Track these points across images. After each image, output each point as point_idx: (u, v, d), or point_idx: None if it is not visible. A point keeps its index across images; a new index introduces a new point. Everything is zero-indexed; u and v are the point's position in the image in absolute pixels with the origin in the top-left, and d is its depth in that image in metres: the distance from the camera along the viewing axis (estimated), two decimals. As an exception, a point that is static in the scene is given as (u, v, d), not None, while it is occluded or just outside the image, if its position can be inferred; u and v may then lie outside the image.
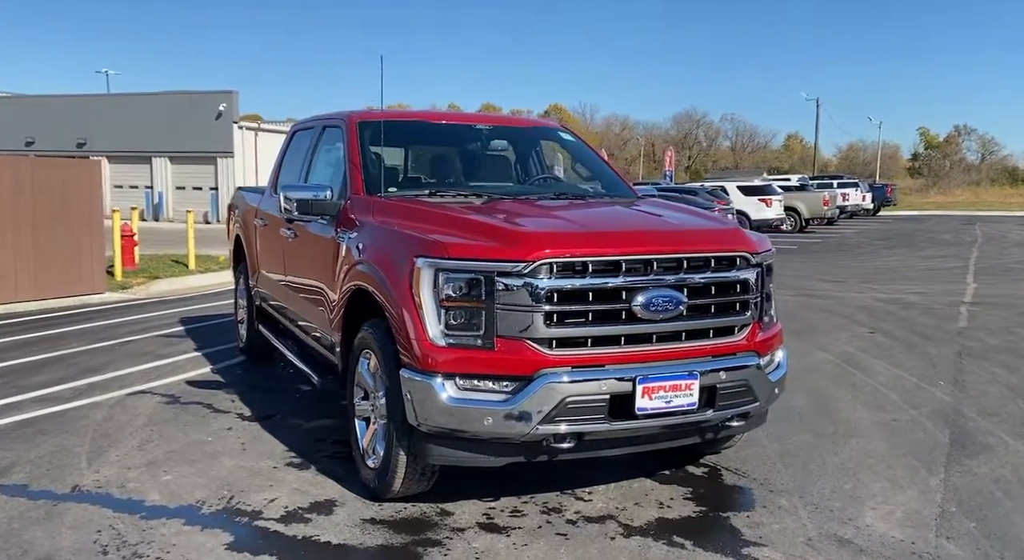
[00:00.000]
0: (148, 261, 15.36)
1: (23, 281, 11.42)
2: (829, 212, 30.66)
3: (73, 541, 3.71)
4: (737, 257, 4.09)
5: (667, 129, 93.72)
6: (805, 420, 5.76)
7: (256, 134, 35.70)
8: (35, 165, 11.97)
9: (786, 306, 11.03)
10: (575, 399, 3.66)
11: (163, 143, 35.74)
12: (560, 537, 3.81)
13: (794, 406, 6.09)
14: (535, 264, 3.65)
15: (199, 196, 35.43)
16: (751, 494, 4.39)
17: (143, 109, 36.15)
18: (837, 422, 5.72)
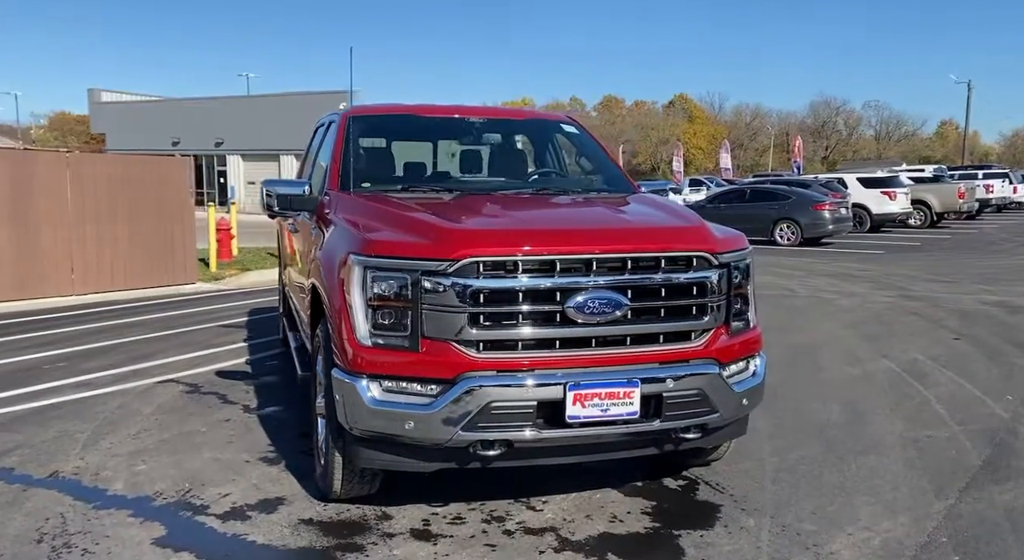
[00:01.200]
0: (247, 253, 16.03)
1: (119, 271, 12.15)
2: (966, 205, 28.44)
3: (18, 527, 3.85)
4: (694, 257, 3.79)
5: (803, 117, 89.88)
6: (824, 433, 5.33)
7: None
8: (130, 162, 12.69)
9: (872, 308, 10.35)
10: (500, 404, 3.49)
11: (289, 141, 37.30)
12: (487, 548, 3.65)
13: (822, 419, 5.65)
14: (461, 263, 3.49)
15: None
16: (718, 512, 4.07)
17: (272, 109, 37.92)
18: (860, 437, 5.26)
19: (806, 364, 7.41)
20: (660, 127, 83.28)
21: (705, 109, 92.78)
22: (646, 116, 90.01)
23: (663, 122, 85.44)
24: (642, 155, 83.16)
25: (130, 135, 41.40)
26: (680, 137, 72.22)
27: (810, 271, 14.90)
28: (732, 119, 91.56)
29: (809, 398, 6.21)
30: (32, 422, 5.54)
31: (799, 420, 5.63)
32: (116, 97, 44.64)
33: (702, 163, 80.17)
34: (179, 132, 40.15)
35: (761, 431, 5.35)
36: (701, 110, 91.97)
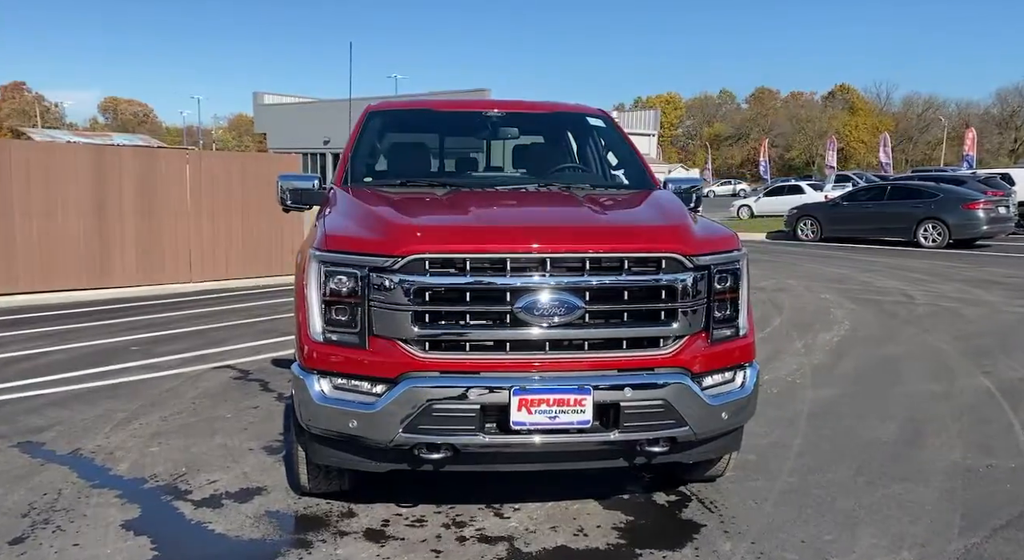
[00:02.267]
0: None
1: (233, 261, 12.83)
2: None
3: (15, 501, 4.08)
4: (663, 259, 3.53)
5: (987, 107, 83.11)
6: (864, 454, 4.88)
7: (508, 127, 37.22)
8: (246, 159, 13.36)
9: (999, 320, 9.47)
10: (442, 407, 3.37)
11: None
12: (432, 554, 3.55)
13: (870, 437, 5.18)
14: (407, 260, 3.40)
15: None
16: (696, 532, 3.78)
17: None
18: (904, 461, 4.77)
19: (884, 377, 6.82)
20: (817, 119, 79.44)
21: (869, 100, 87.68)
22: (802, 108, 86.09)
23: (821, 114, 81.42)
24: (796, 149, 79.68)
25: (287, 135, 43.72)
26: (840, 130, 68.59)
27: (943, 276, 13.74)
28: (901, 110, 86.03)
29: (869, 414, 5.70)
30: (85, 400, 5.90)
31: (843, 438, 5.17)
32: (277, 99, 47.20)
33: (864, 158, 75.92)
34: (329, 132, 41.97)
35: (792, 447, 4.96)
36: (865, 101, 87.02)
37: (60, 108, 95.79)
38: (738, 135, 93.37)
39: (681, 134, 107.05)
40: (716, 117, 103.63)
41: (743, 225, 27.78)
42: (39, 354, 7.58)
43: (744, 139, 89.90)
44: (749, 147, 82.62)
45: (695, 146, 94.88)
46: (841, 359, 7.52)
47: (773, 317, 9.75)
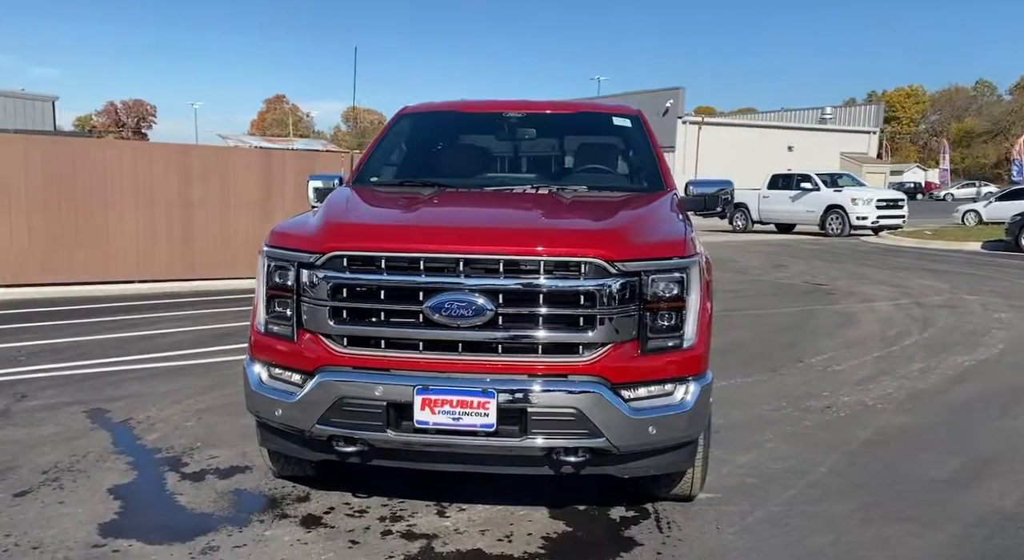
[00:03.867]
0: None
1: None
2: None
3: (49, 459, 4.62)
4: (584, 264, 3.39)
5: None
6: (892, 490, 4.42)
7: (699, 128, 36.18)
8: (315, 157, 14.05)
9: None
10: (351, 401, 3.46)
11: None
12: (347, 544, 3.63)
13: (918, 473, 4.67)
14: (327, 256, 3.53)
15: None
16: (627, 552, 3.60)
17: (608, 109, 39.19)
18: (933, 501, 4.26)
19: (992, 410, 6.06)
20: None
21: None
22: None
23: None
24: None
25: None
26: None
27: None
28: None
29: (936, 448, 5.11)
30: (164, 377, 6.54)
31: (881, 471, 4.68)
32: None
33: None
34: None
35: (807, 475, 4.57)
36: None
37: (310, 118, 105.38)
38: (995, 131, 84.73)
39: (923, 130, 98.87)
40: (968, 111, 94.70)
41: (961, 233, 25.29)
42: (167, 334, 8.46)
43: (1003, 135, 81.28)
44: (1008, 144, 74.46)
45: (936, 143, 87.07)
46: (957, 386, 6.75)
47: (909, 335, 8.90)
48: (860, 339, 8.66)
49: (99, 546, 3.57)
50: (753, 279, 14.15)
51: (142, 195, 11.75)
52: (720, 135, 37.68)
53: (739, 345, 8.25)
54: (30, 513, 3.90)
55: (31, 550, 3.52)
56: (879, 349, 8.12)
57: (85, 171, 11.44)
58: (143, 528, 3.76)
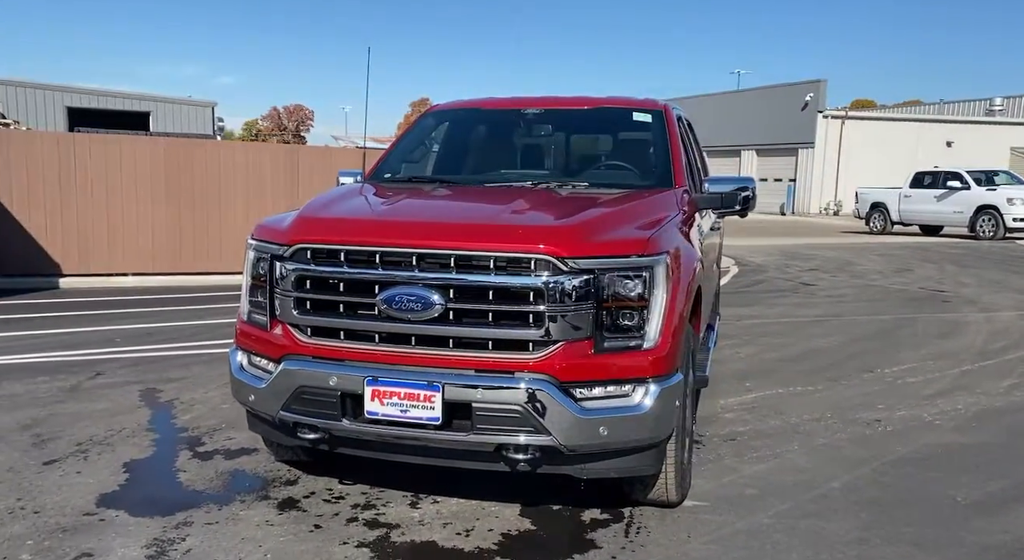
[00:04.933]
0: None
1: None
2: None
3: (88, 432, 5.01)
4: (534, 260, 3.36)
5: None
6: (904, 510, 4.12)
7: (842, 123, 34.31)
8: (355, 154, 14.19)
9: None
10: (309, 390, 3.58)
11: (749, 136, 36.96)
12: (310, 528, 3.73)
13: (944, 494, 4.34)
14: (294, 248, 3.67)
15: (778, 188, 35.74)
16: (580, 554, 3.52)
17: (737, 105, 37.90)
18: (950, 524, 3.94)
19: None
20: None
21: None
22: None
23: None
24: None
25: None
26: None
27: None
28: None
29: (979, 470, 4.72)
30: (205, 362, 6.91)
31: (904, 490, 4.37)
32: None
33: None
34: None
35: (815, 489, 4.33)
36: None
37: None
38: None
39: None
40: None
41: None
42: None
43: None
44: None
45: None
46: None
47: (1017, 350, 8.18)
48: (954, 351, 8.04)
49: (90, 514, 3.84)
50: (865, 284, 13.39)
51: (252, 190, 12.46)
52: (867, 130, 35.43)
53: (814, 353, 7.85)
54: (48, 480, 4.24)
55: (32, 513, 3.84)
56: (970, 362, 7.52)
57: (203, 169, 12.26)
58: (135, 501, 4.01)
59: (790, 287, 12.88)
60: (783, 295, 11.93)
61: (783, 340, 8.40)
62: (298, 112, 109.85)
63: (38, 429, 5.08)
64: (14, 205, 11.78)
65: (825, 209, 36.47)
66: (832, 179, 35.87)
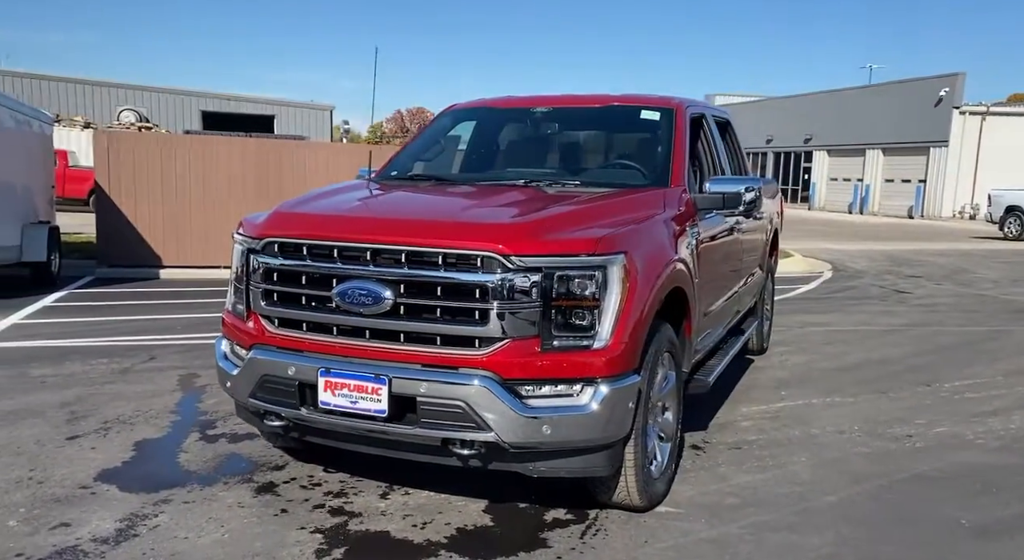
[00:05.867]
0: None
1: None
2: None
3: (117, 412, 5.34)
4: (481, 257, 3.37)
5: None
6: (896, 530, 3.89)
7: (982, 119, 32.04)
8: None
9: None
10: (272, 378, 3.72)
11: (877, 135, 35.17)
12: (278, 512, 3.87)
13: (948, 517, 4.08)
14: (263, 242, 3.82)
15: (906, 189, 33.86)
16: (526, 552, 3.51)
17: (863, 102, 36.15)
18: (935, 546, 3.70)
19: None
20: None
21: None
22: None
23: None
24: None
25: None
26: None
27: None
28: None
29: (1006, 492, 4.40)
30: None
31: (905, 507, 4.13)
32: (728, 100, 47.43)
33: None
34: (773, 130, 41.01)
35: (801, 501, 4.15)
36: None
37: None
38: None
39: None
40: None
41: None
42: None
43: None
44: None
45: None
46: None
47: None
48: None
49: (85, 487, 4.11)
50: (970, 293, 12.57)
51: (335, 189, 12.93)
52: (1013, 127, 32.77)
53: (873, 363, 7.46)
54: (63, 454, 4.56)
55: (36, 484, 4.14)
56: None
57: (288, 168, 12.80)
58: (130, 477, 4.26)
59: (881, 294, 12.25)
60: (868, 302, 11.36)
61: (844, 349, 8.02)
62: (420, 114, 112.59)
63: (76, 407, 5.45)
64: (122, 202, 12.63)
65: (960, 212, 34.25)
66: (968, 180, 33.66)
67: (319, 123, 40.14)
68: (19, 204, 11.04)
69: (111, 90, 38.47)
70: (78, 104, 37.14)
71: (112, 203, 12.56)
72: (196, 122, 38.70)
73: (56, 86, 37.44)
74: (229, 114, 38.86)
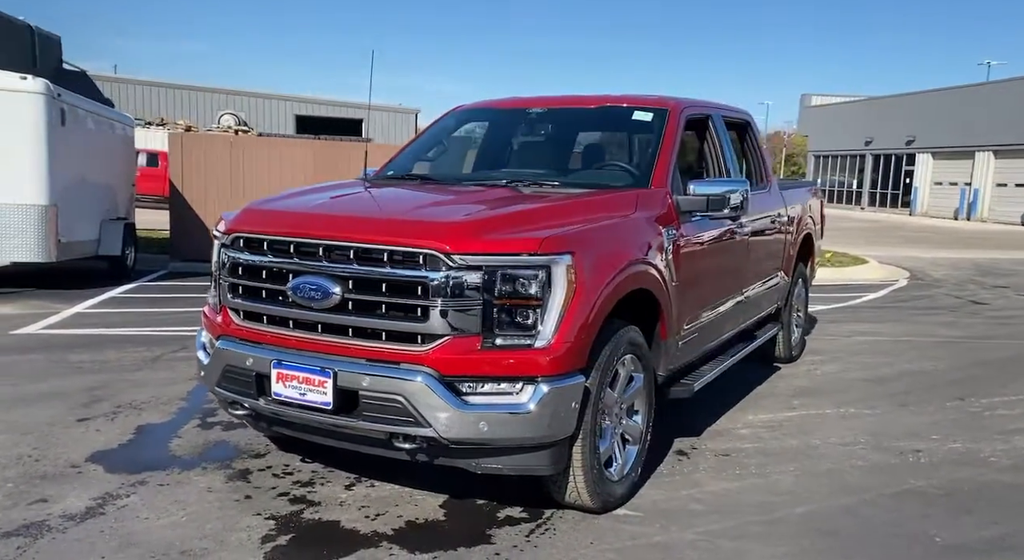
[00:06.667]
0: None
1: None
2: None
3: (131, 397, 5.60)
4: (423, 255, 3.42)
5: None
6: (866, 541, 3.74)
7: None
8: None
9: None
10: (233, 369, 3.86)
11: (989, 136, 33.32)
12: (242, 498, 4.00)
13: (949, 539, 3.90)
14: (230, 237, 3.97)
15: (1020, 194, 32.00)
16: (465, 548, 3.53)
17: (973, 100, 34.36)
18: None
19: None
20: None
21: None
22: None
23: None
24: None
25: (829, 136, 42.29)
26: None
27: None
28: None
29: (998, 511, 4.18)
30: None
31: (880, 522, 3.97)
32: (824, 100, 45.92)
33: None
34: (873, 131, 39.42)
35: (769, 511, 4.03)
36: None
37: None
38: None
39: None
40: None
41: None
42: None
43: None
44: None
45: None
46: None
47: None
48: (1088, 383, 7.01)
49: (74, 466, 4.35)
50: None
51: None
52: None
53: (909, 375, 7.14)
54: (68, 435, 4.83)
55: (33, 461, 4.40)
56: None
57: (345, 167, 13.12)
58: (118, 459, 4.48)
59: (953, 305, 11.68)
60: (935, 313, 10.85)
61: (885, 360, 7.70)
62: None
63: (98, 391, 5.76)
64: (193, 199, 13.22)
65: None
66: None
67: (405, 126, 40.92)
68: (99, 202, 11.70)
69: (213, 96, 40.15)
70: (183, 109, 38.93)
71: (184, 201, 13.15)
72: (290, 126, 40.02)
73: (163, 92, 39.36)
74: (320, 118, 40.04)
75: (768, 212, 6.00)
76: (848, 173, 44.43)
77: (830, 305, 10.92)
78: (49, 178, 10.05)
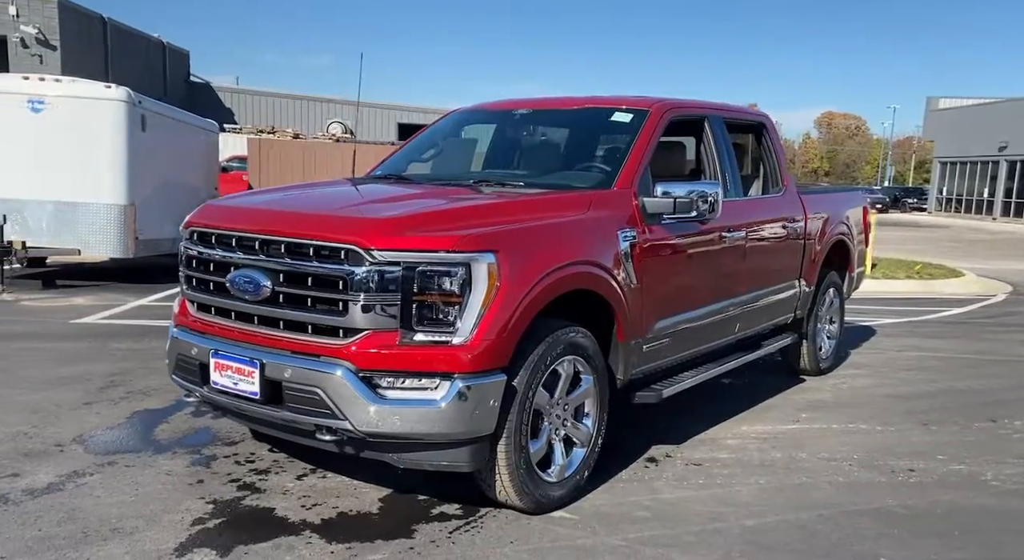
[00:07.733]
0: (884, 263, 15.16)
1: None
2: None
3: (144, 385, 5.91)
4: (344, 250, 3.49)
5: None
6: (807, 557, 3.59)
7: None
8: None
9: None
10: (183, 357, 4.05)
11: None
12: (194, 482, 4.16)
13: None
14: (188, 232, 4.16)
15: None
16: (383, 540, 3.58)
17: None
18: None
19: None
20: None
21: None
22: None
23: None
24: None
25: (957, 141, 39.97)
26: None
27: None
28: None
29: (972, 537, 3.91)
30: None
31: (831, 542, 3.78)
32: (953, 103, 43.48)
33: None
34: (1008, 135, 36.89)
35: (712, 521, 3.90)
36: None
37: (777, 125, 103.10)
38: None
39: None
40: None
41: None
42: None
43: None
44: None
45: None
46: None
47: None
48: None
49: (59, 445, 4.63)
50: None
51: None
52: None
53: (952, 392, 6.71)
54: (71, 417, 5.14)
55: (27, 439, 4.70)
56: None
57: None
58: (100, 440, 4.74)
59: (1042, 322, 10.88)
60: (1020, 330, 10.14)
61: (928, 376, 7.26)
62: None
63: (118, 377, 6.10)
64: (269, 201, 13.83)
65: None
66: None
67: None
68: (178, 202, 12.34)
69: (322, 105, 41.66)
70: (296, 118, 40.57)
71: (260, 203, 13.76)
72: (393, 132, 41.08)
73: (278, 101, 41.16)
74: (419, 125, 40.90)
75: (777, 216, 5.79)
76: (979, 180, 41.85)
77: (896, 319, 10.37)
78: (128, 179, 10.70)
